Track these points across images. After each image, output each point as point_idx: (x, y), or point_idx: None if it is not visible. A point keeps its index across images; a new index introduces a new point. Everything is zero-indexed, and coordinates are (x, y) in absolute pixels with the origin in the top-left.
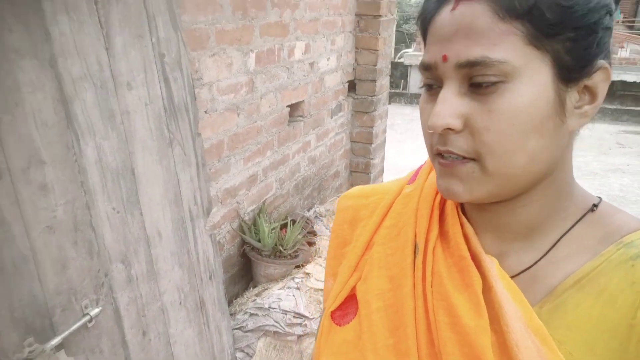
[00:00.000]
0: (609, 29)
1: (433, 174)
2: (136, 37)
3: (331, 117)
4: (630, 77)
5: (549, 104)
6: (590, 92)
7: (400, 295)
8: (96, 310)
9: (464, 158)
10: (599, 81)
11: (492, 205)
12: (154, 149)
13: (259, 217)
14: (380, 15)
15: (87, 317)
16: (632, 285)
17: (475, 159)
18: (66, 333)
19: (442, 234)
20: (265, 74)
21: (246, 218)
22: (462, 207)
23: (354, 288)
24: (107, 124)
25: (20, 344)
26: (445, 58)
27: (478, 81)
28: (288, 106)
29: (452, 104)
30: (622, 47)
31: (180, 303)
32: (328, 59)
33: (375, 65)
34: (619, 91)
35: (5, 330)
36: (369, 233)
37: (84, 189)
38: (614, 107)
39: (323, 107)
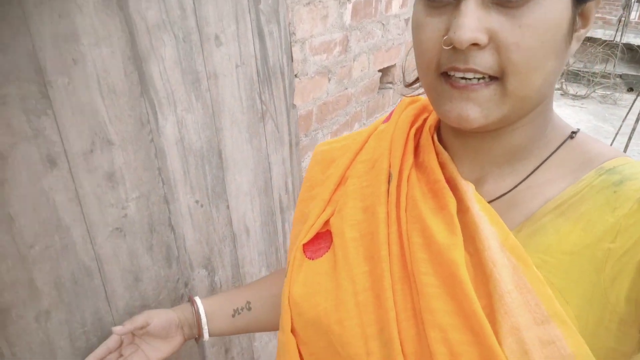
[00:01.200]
0: None
1: (409, 110)
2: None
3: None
4: None
5: (567, 23)
6: (584, 17)
7: (375, 222)
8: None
9: (490, 78)
10: (592, 7)
11: (477, 133)
12: (243, 124)
13: None
14: None
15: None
16: (613, 211)
17: (498, 77)
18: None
19: (417, 164)
20: (360, 31)
21: None
22: (438, 137)
23: (327, 223)
24: (191, 91)
25: None
26: None
27: None
28: (380, 70)
29: (478, 17)
30: None
31: None
32: None
33: None
34: None
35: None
36: (342, 168)
37: (161, 177)
38: None
39: (413, 73)
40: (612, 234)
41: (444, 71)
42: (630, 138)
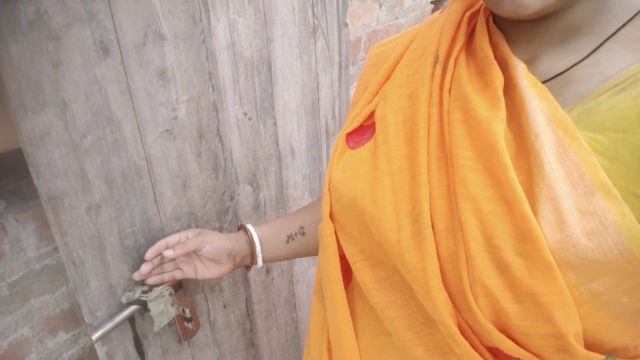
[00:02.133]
0: None
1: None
2: None
3: None
4: None
5: None
6: None
7: (416, 105)
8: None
9: None
10: None
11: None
12: (294, 37)
13: None
14: None
15: None
16: None
17: None
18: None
19: (469, 48)
20: None
21: None
22: (494, 20)
23: (372, 114)
24: None
25: (131, 280)
26: None
27: None
28: (432, 2)
29: None
30: None
31: None
32: None
33: None
34: None
35: (115, 262)
36: (392, 61)
37: (212, 82)
38: None
39: None
40: None
41: None
42: None
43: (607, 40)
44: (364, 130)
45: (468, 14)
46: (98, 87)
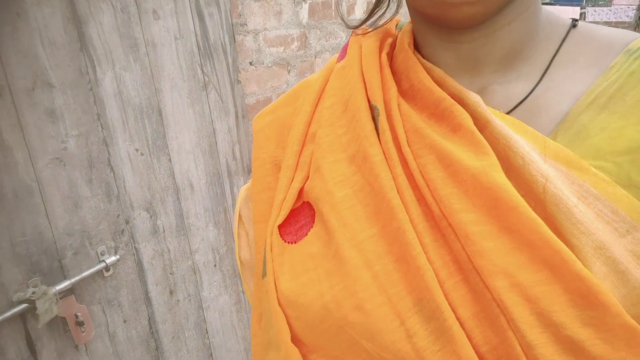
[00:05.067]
0: None
1: (369, 39)
2: None
3: None
4: None
5: None
6: None
7: (370, 170)
8: (113, 258)
9: None
10: None
11: (472, 34)
12: (184, 89)
13: None
14: None
15: (103, 264)
16: None
17: None
18: (77, 278)
19: (403, 92)
20: (320, 30)
21: None
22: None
23: (301, 193)
24: (129, 53)
25: (24, 282)
26: None
27: None
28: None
29: None
30: None
31: (215, 265)
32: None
33: None
34: None
35: (6, 265)
36: (302, 124)
37: (100, 122)
38: None
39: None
40: None
41: None
42: None
43: (553, 58)
44: (297, 215)
45: (384, 55)
46: None
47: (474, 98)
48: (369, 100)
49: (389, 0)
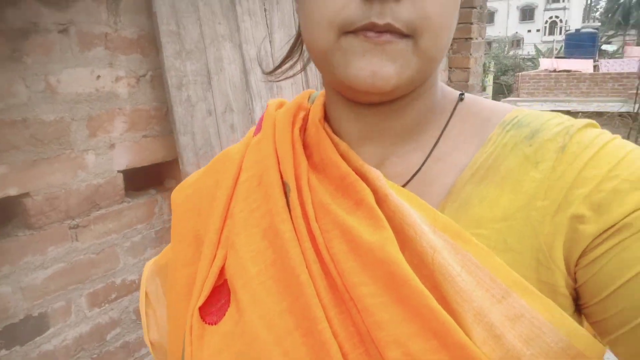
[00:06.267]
0: None
1: (283, 112)
2: (286, 36)
3: None
4: None
5: None
6: None
7: (281, 245)
8: None
9: (402, 35)
10: None
11: (379, 108)
12: None
13: None
14: (471, 38)
15: None
16: (537, 166)
17: (411, 35)
18: None
19: (314, 166)
20: None
21: None
22: (332, 129)
23: (222, 271)
24: (269, 93)
25: None
26: None
27: None
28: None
29: None
30: None
31: None
32: None
33: (467, 81)
34: None
35: None
36: (223, 200)
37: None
38: None
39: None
40: (542, 190)
41: (354, 30)
42: None
43: (444, 130)
44: (218, 294)
45: (297, 130)
46: None
47: (375, 173)
48: (281, 176)
49: (299, 54)
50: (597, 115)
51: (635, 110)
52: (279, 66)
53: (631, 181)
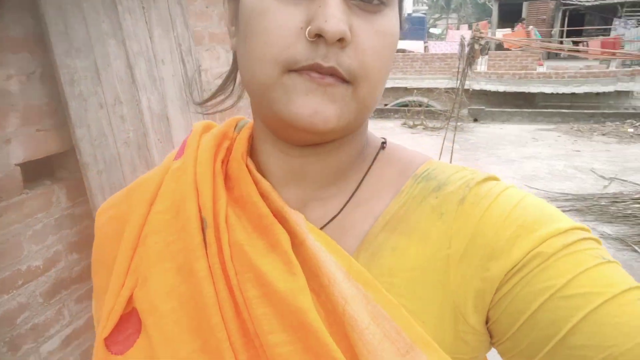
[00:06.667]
0: None
1: (207, 140)
2: (165, 31)
3: None
4: (548, 89)
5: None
6: None
7: (195, 283)
8: None
9: (343, 80)
10: None
11: (307, 149)
12: (178, 105)
13: None
14: None
15: None
16: (441, 217)
17: (351, 82)
18: None
19: (234, 200)
20: None
21: None
22: (254, 165)
23: (130, 299)
24: (153, 85)
25: None
26: None
27: None
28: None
29: (344, 12)
30: (541, 64)
31: None
32: None
33: None
34: (541, 102)
35: None
36: (136, 226)
37: (142, 123)
38: (531, 110)
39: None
40: (447, 240)
41: (298, 69)
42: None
43: (364, 177)
44: (125, 323)
45: (219, 162)
46: None
47: (294, 217)
48: (199, 210)
49: (232, 88)
50: (428, 91)
51: (458, 87)
52: (210, 98)
53: (525, 227)
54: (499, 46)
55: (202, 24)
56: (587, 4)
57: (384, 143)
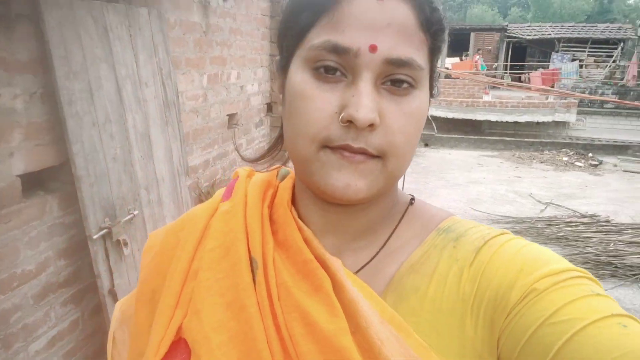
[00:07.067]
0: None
1: (255, 185)
2: (148, 56)
3: (256, 128)
4: (493, 117)
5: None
6: None
7: (246, 319)
8: (135, 212)
9: (373, 156)
10: None
11: (339, 207)
12: (158, 124)
13: (212, 190)
14: None
15: (131, 215)
16: (456, 262)
17: (380, 157)
18: (122, 221)
19: (279, 243)
20: (213, 90)
21: (203, 190)
22: (297, 213)
23: (179, 329)
24: (137, 105)
25: (102, 220)
26: (374, 48)
27: (400, 79)
28: (227, 115)
29: (373, 99)
30: (487, 93)
31: None
32: (252, 84)
33: None
34: (487, 129)
35: (99, 211)
36: (185, 260)
37: (128, 140)
38: (477, 137)
39: (250, 120)
40: (462, 282)
41: (332, 146)
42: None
43: (394, 231)
44: (175, 351)
45: (266, 208)
46: None
47: (335, 264)
48: (249, 251)
49: (280, 147)
50: None
51: None
52: (260, 158)
53: (523, 270)
54: (448, 74)
55: (179, 49)
56: (528, 37)
57: (412, 199)
